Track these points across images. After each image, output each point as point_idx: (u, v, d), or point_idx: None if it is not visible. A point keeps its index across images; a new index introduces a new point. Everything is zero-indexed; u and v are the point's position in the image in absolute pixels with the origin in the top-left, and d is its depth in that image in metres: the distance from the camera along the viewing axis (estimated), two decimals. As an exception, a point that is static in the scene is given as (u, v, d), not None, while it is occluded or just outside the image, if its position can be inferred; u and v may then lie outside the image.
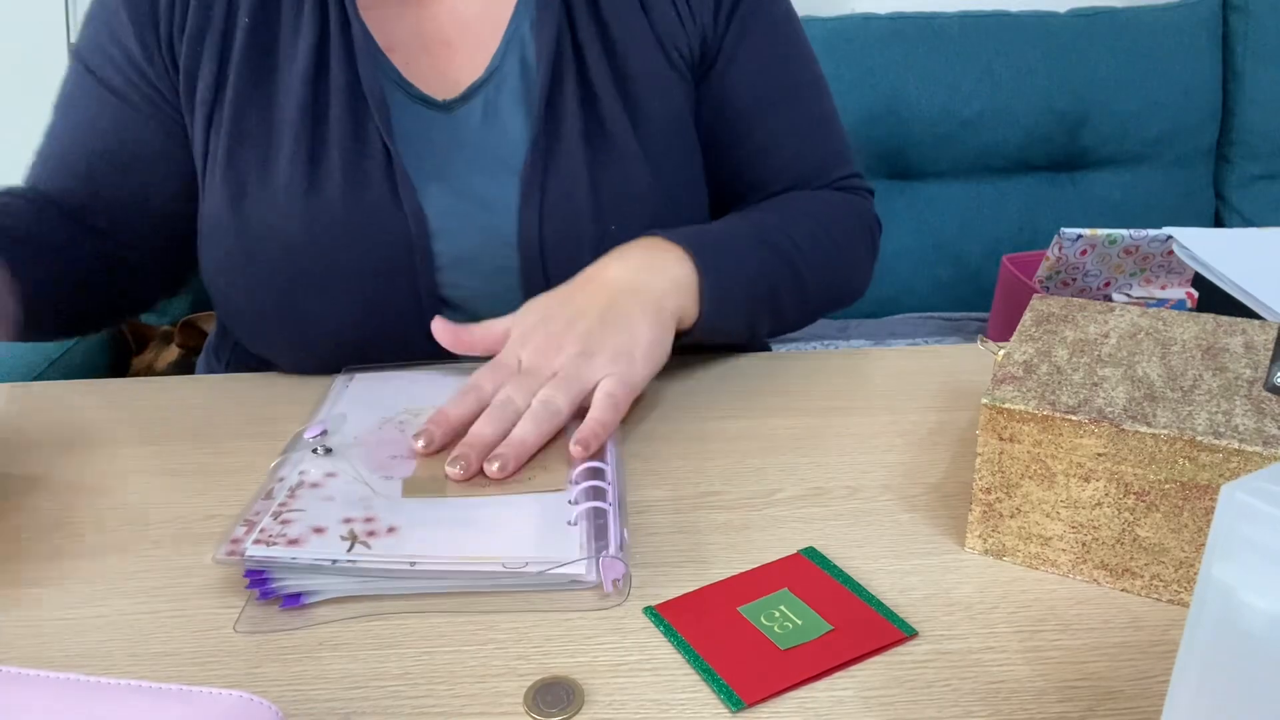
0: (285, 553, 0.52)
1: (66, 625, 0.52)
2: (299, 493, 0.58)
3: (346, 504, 0.57)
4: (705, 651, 0.48)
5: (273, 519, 0.55)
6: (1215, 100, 1.79)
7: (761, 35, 0.85)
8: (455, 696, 0.46)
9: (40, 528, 0.60)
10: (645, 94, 0.81)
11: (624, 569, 0.53)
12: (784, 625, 0.50)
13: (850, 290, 0.88)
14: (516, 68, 0.80)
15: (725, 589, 0.53)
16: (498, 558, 0.53)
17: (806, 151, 0.88)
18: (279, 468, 0.61)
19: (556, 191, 0.78)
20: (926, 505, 0.60)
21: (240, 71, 0.76)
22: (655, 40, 0.82)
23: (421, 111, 0.79)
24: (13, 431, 0.71)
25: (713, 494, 0.62)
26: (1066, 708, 0.45)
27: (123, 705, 0.37)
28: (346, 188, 0.75)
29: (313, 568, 0.52)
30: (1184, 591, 0.51)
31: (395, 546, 0.54)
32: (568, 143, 0.78)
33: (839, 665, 0.48)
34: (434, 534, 0.55)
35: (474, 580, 0.53)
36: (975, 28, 1.72)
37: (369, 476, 0.60)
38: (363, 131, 0.76)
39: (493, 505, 0.58)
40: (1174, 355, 0.57)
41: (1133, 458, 0.50)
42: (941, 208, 1.75)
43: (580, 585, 0.53)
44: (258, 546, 0.53)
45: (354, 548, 0.53)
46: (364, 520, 0.56)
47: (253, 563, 0.52)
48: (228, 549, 0.53)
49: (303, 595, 0.53)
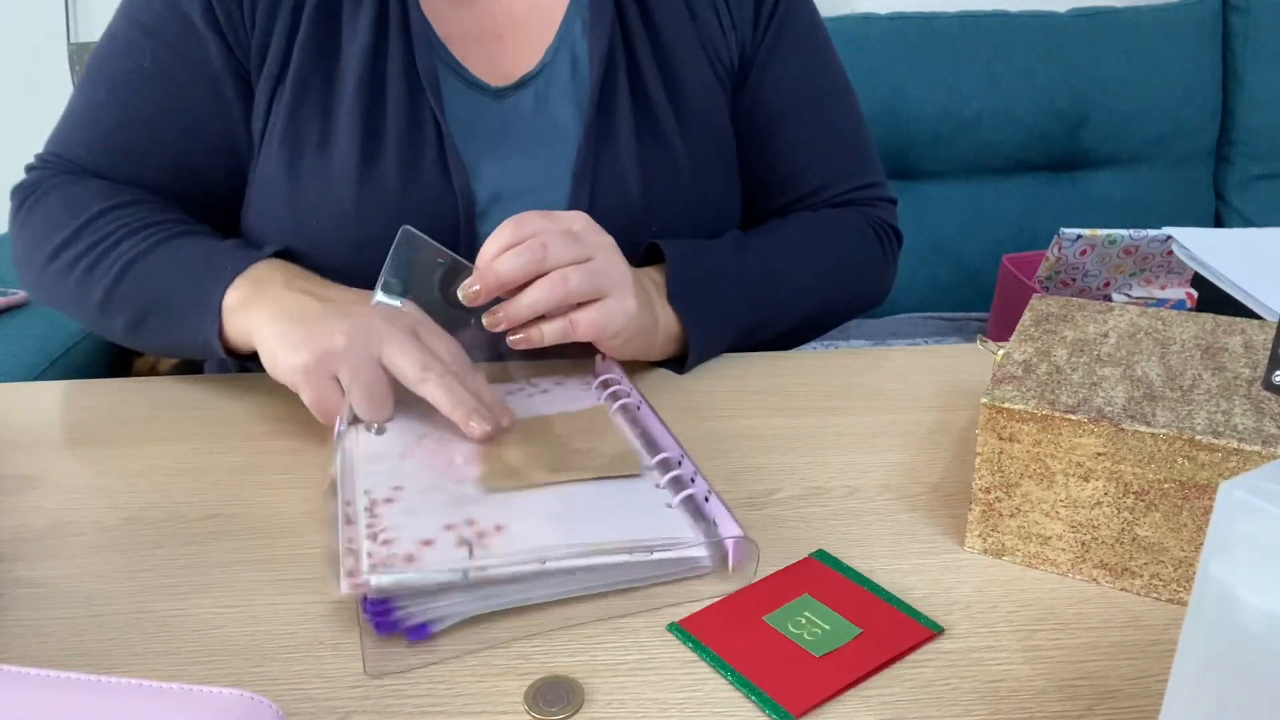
0: (411, 574, 0.49)
1: (66, 625, 0.52)
2: (378, 511, 0.54)
3: (439, 510, 0.54)
4: (742, 666, 0.48)
5: (372, 541, 0.51)
6: (1215, 100, 1.79)
7: (794, 44, 0.88)
8: (455, 695, 0.47)
9: (40, 528, 0.60)
10: (692, 98, 0.84)
11: (748, 549, 0.54)
12: (813, 631, 0.50)
13: (861, 301, 0.90)
14: (567, 64, 0.83)
15: (745, 598, 0.52)
16: (621, 543, 0.52)
17: (824, 160, 0.90)
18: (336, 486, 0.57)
19: (608, 181, 0.80)
20: (926, 505, 0.60)
21: (305, 47, 0.78)
22: (701, 47, 0.85)
23: (474, 96, 0.81)
24: (13, 431, 0.71)
25: (712, 494, 0.62)
26: (1066, 706, 0.45)
27: (123, 705, 0.38)
28: (400, 162, 0.77)
29: (444, 585, 0.49)
30: (1183, 590, 0.51)
31: (510, 544, 0.51)
32: (620, 136, 0.81)
33: (876, 668, 0.48)
34: (542, 527, 0.53)
35: (602, 576, 0.52)
36: (975, 28, 1.72)
37: (438, 481, 0.57)
38: (418, 111, 0.78)
39: (579, 492, 0.57)
40: (1173, 355, 0.57)
41: (1132, 457, 0.50)
42: (941, 208, 1.75)
43: (699, 569, 0.53)
44: (379, 573, 0.48)
45: (473, 552, 0.51)
46: (467, 523, 0.53)
47: (382, 591, 0.48)
48: (350, 583, 0.48)
49: (428, 625, 0.49)
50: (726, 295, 0.79)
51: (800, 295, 0.84)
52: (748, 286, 0.80)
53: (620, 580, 0.52)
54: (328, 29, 0.79)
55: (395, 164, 0.77)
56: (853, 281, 0.89)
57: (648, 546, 0.52)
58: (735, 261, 0.81)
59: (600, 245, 0.68)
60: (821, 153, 0.90)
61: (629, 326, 0.69)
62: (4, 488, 0.64)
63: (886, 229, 0.92)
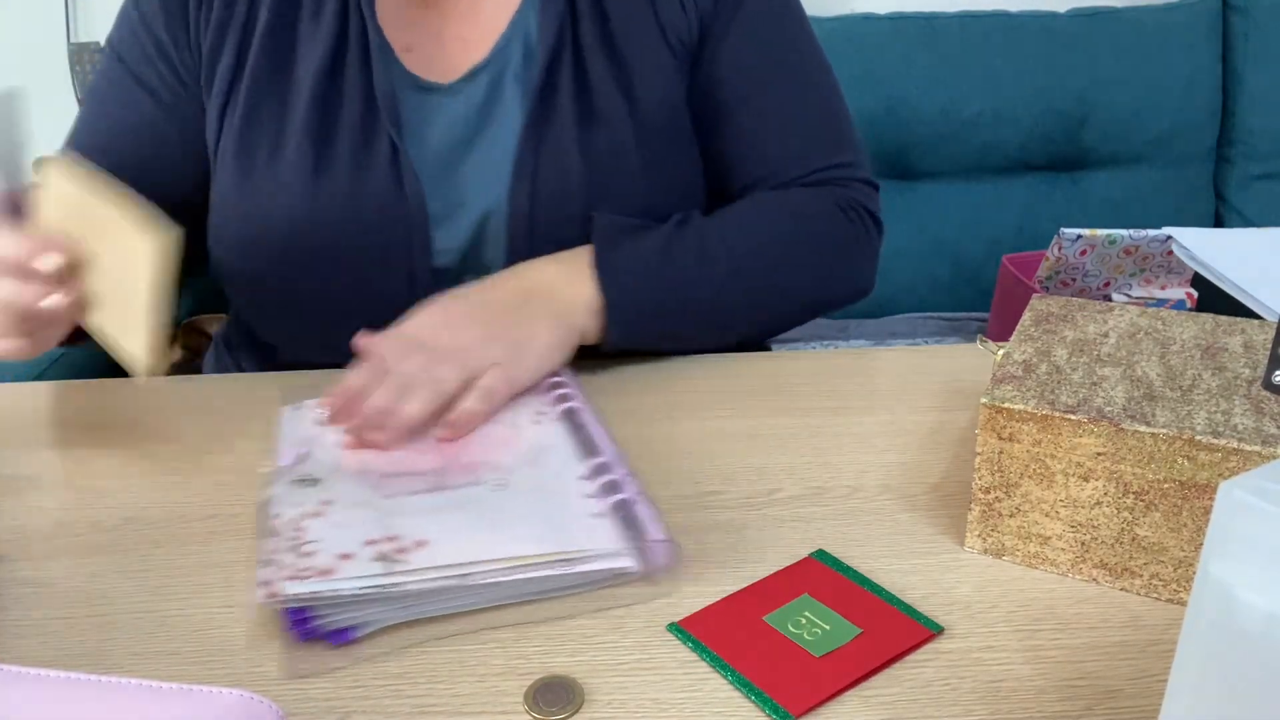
0: (325, 585, 0.49)
1: (67, 625, 0.52)
2: (304, 524, 0.55)
3: (362, 526, 0.55)
4: (741, 666, 0.48)
5: (293, 554, 0.52)
6: (1215, 100, 1.78)
7: (754, 19, 0.86)
8: (455, 696, 0.47)
9: (40, 528, 0.60)
10: (642, 82, 0.82)
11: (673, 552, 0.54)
12: (812, 631, 0.50)
13: (834, 286, 0.85)
14: (519, 52, 0.82)
15: (745, 598, 0.52)
16: (545, 556, 0.52)
17: (788, 138, 0.86)
18: (269, 505, 0.58)
19: (549, 170, 0.80)
20: (926, 505, 0.60)
21: (258, 63, 0.80)
22: (658, 29, 0.83)
23: (425, 99, 0.81)
24: (13, 431, 0.71)
25: (713, 494, 0.62)
26: (1065, 706, 0.45)
27: (123, 705, 0.38)
28: (352, 172, 0.78)
29: (358, 597, 0.49)
30: (1183, 590, 0.51)
31: (433, 558, 0.52)
32: (560, 125, 0.80)
33: (876, 668, 0.48)
34: (466, 540, 0.53)
35: (526, 585, 0.52)
36: (975, 28, 1.72)
37: (369, 497, 0.58)
38: (371, 126, 0.79)
39: (506, 503, 0.57)
40: (1173, 355, 0.57)
41: (1132, 457, 0.50)
42: (941, 208, 1.75)
43: (626, 576, 0.53)
44: (295, 583, 0.50)
45: (391, 567, 0.51)
46: (388, 540, 0.53)
47: (296, 601, 0.49)
48: (265, 592, 0.50)
49: (350, 630, 0.50)
50: (652, 266, 0.77)
51: (745, 273, 0.79)
52: (680, 260, 0.77)
53: (546, 589, 0.53)
54: (281, 46, 0.80)
55: (347, 174, 0.78)
56: (814, 262, 0.83)
57: (571, 559, 0.52)
58: (664, 236, 0.78)
59: (426, 335, 0.68)
60: (784, 131, 0.86)
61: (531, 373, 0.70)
62: (4, 488, 0.64)
63: (860, 210, 0.86)
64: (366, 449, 0.64)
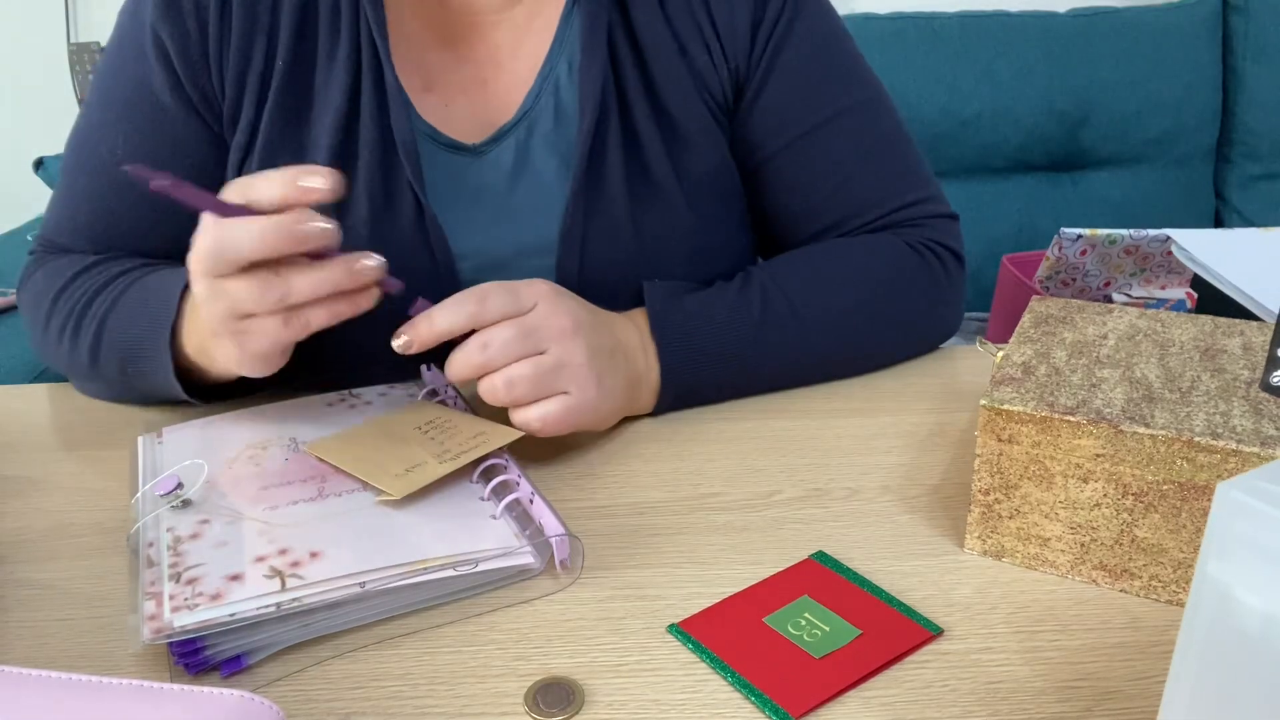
0: (216, 611, 0.47)
1: (66, 625, 0.52)
2: (181, 549, 0.52)
3: (249, 543, 0.52)
4: (741, 667, 0.48)
5: (175, 583, 0.49)
6: (1215, 100, 1.79)
7: (797, 64, 0.80)
8: (456, 697, 0.47)
9: (41, 529, 0.60)
10: (688, 138, 0.78)
11: (570, 546, 0.55)
12: (812, 633, 0.50)
13: (919, 331, 0.81)
14: (550, 109, 0.77)
15: (745, 600, 0.52)
16: (442, 559, 0.51)
17: (854, 183, 0.81)
18: (140, 533, 0.55)
19: (599, 238, 0.76)
20: (926, 506, 0.60)
21: (274, 114, 0.74)
22: (694, 84, 0.78)
23: (451, 158, 0.76)
24: (14, 433, 0.71)
25: (713, 495, 0.62)
26: (1065, 708, 0.46)
27: (124, 706, 0.38)
28: (373, 233, 0.73)
29: (255, 622, 0.47)
30: (1182, 592, 0.51)
31: (328, 570, 0.50)
32: (611, 190, 0.76)
33: (876, 669, 0.48)
34: (361, 548, 0.52)
35: (426, 591, 0.51)
36: (975, 28, 1.72)
37: (250, 511, 0.56)
38: (392, 181, 0.74)
39: (398, 512, 0.56)
40: (1172, 356, 0.57)
41: (1131, 458, 0.50)
42: (941, 208, 1.75)
43: (528, 573, 0.54)
44: (182, 614, 0.47)
45: (286, 583, 0.49)
46: (279, 554, 0.51)
47: (185, 632, 0.46)
48: (151, 629, 0.46)
49: (243, 657, 0.48)
50: (713, 354, 0.72)
51: (817, 349, 0.75)
52: (745, 339, 0.72)
53: (446, 594, 0.52)
54: (298, 96, 0.75)
55: (368, 235, 0.73)
56: (890, 310, 0.78)
57: (472, 559, 0.52)
58: (729, 308, 0.73)
59: (557, 336, 0.63)
60: (844, 179, 0.80)
61: (590, 417, 0.65)
62: (5, 489, 0.64)
63: (938, 248, 0.81)
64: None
